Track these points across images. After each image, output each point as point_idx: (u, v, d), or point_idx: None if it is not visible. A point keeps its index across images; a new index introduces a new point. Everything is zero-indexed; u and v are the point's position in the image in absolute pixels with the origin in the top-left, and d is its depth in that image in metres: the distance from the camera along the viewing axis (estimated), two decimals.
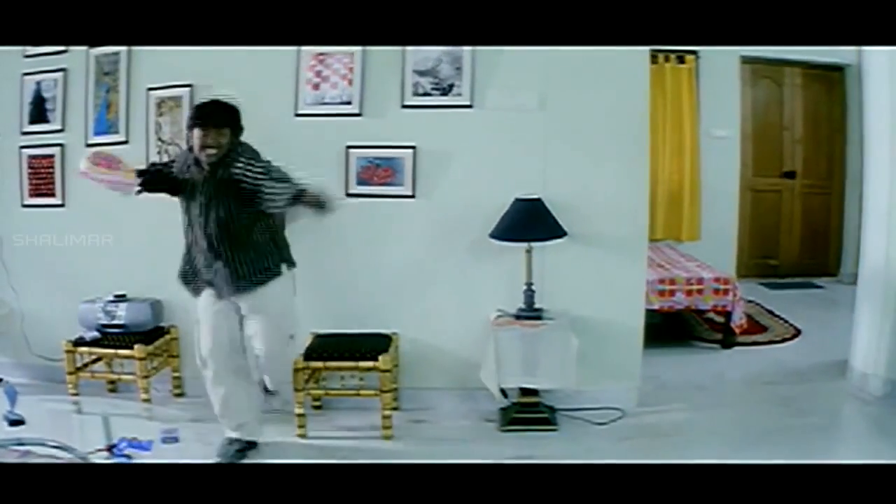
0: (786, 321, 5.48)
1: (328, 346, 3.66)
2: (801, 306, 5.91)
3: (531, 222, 3.60)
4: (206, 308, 3.34)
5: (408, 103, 3.80)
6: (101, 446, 3.14)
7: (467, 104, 3.77)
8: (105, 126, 4.06)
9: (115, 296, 4.00)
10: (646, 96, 3.82)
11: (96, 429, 3.33)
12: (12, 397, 2.83)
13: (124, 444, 2.82)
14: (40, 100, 4.13)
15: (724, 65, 6.20)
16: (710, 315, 5.19)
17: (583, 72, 3.71)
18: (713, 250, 5.97)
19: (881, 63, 3.92)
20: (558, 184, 3.75)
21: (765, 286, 6.64)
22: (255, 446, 3.44)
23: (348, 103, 3.83)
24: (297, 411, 3.59)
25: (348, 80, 3.83)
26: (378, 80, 3.82)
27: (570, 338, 3.58)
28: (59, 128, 4.13)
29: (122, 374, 3.96)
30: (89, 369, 3.98)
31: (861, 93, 4.42)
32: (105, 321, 3.96)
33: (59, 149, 4.12)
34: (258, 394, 3.51)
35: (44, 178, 4.14)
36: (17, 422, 2.78)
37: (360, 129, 3.83)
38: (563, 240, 3.64)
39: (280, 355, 3.45)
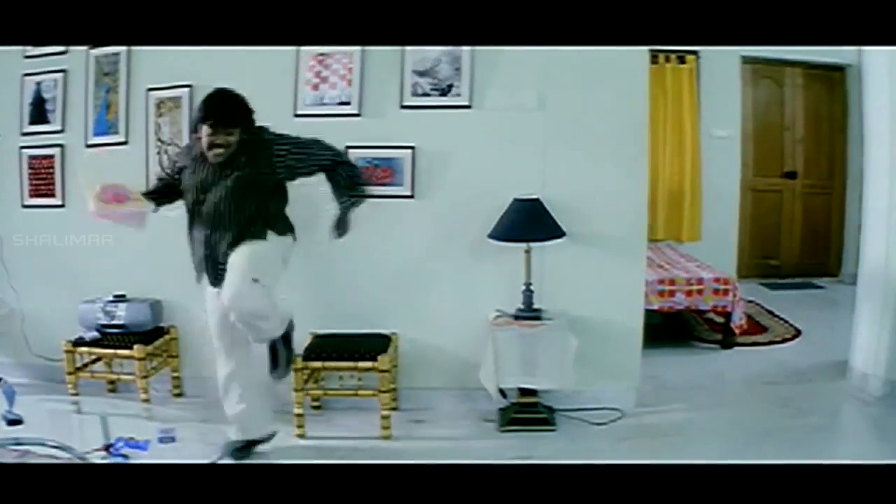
0: (786, 321, 5.47)
1: (327, 346, 3.66)
2: (802, 307, 5.90)
3: (530, 222, 3.60)
4: (211, 296, 3.30)
5: (407, 104, 3.80)
6: (98, 446, 3.14)
7: (466, 104, 3.77)
8: (105, 126, 4.06)
9: (115, 296, 4.00)
10: (645, 96, 3.82)
11: (95, 429, 3.33)
12: (10, 397, 2.83)
13: (121, 444, 2.82)
14: (40, 100, 4.13)
15: (724, 65, 6.20)
16: (710, 315, 5.18)
17: (582, 72, 3.71)
18: (714, 250, 5.97)
19: (881, 63, 3.92)
20: (557, 184, 3.75)
21: (765, 286, 6.63)
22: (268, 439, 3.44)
23: (347, 104, 3.83)
24: (296, 411, 3.59)
25: (347, 80, 3.83)
26: (377, 80, 3.82)
27: (569, 338, 3.58)
28: (59, 128, 4.13)
29: (121, 374, 3.97)
30: (89, 369, 3.98)
31: (861, 93, 4.41)
32: (105, 321, 3.96)
33: (59, 149, 4.12)
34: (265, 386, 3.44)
35: (44, 179, 4.14)
36: (15, 421, 2.79)
37: (359, 130, 3.82)
38: (562, 240, 3.64)
39: (237, 296, 3.01)
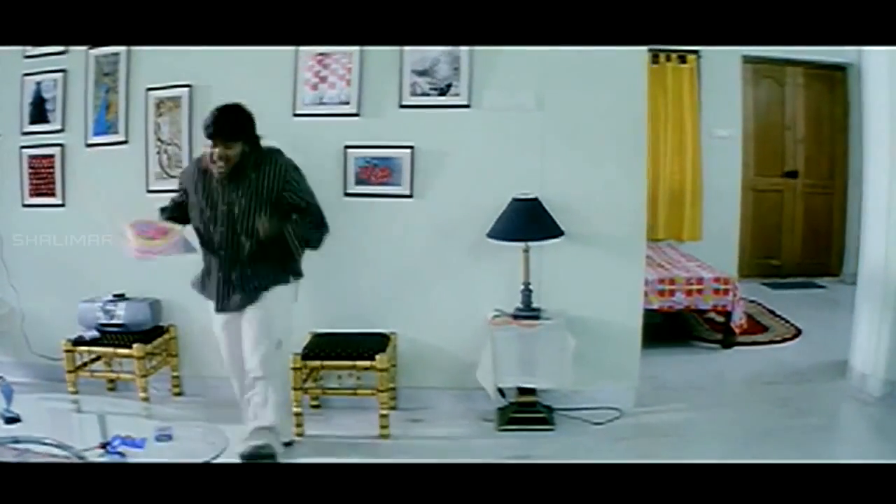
0: (787, 321, 5.46)
1: (326, 346, 3.67)
2: (803, 306, 5.89)
3: (528, 222, 3.60)
4: (219, 323, 3.34)
5: (406, 103, 3.81)
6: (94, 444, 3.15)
7: (465, 104, 3.77)
8: (104, 126, 4.07)
9: (115, 295, 4.01)
10: (643, 96, 3.82)
11: (95, 427, 3.33)
12: (8, 395, 2.84)
13: (118, 442, 2.82)
14: (40, 100, 4.14)
15: (725, 64, 6.20)
16: (710, 315, 5.17)
17: (580, 71, 3.71)
18: (715, 250, 5.96)
19: (881, 63, 3.91)
20: (556, 183, 3.75)
21: (766, 286, 6.61)
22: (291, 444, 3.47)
23: (346, 103, 3.84)
24: (295, 410, 3.59)
25: (346, 80, 3.84)
26: (376, 80, 3.83)
27: (567, 337, 3.58)
28: (59, 128, 4.14)
29: (121, 373, 3.97)
30: (88, 368, 3.99)
31: (861, 93, 4.41)
32: (104, 320, 3.97)
33: (59, 149, 4.13)
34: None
35: (44, 178, 4.16)
36: (13, 419, 2.79)
37: (358, 129, 3.83)
38: (561, 239, 3.64)
39: (263, 360, 3.20)
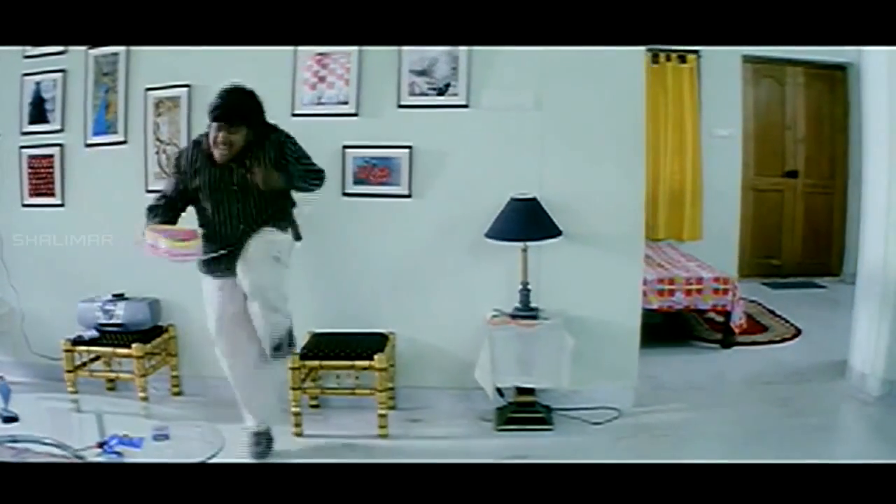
0: (786, 321, 5.45)
1: (325, 345, 3.67)
2: (803, 306, 5.88)
3: (527, 222, 3.60)
4: (213, 289, 3.31)
5: (404, 103, 3.81)
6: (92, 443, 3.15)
7: (463, 104, 3.77)
8: (104, 126, 4.08)
9: (114, 295, 4.02)
10: (642, 95, 3.81)
11: (94, 427, 3.34)
12: (6, 394, 2.84)
13: (115, 441, 2.82)
14: (40, 100, 4.15)
15: (725, 64, 6.19)
16: (710, 315, 5.17)
17: (579, 71, 3.70)
18: (715, 250, 5.96)
19: (880, 63, 3.90)
20: (554, 183, 3.75)
21: (767, 286, 6.61)
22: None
23: (345, 103, 3.84)
24: (294, 410, 3.60)
25: (345, 80, 3.84)
26: (374, 80, 3.83)
27: (565, 337, 3.58)
28: (58, 128, 4.15)
29: (120, 372, 3.98)
30: (88, 368, 3.99)
31: (860, 93, 4.40)
32: (104, 320, 3.97)
33: (58, 149, 4.14)
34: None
35: (43, 178, 4.16)
36: (10, 419, 2.80)
37: (356, 129, 3.84)
38: (560, 239, 3.64)
39: (262, 274, 3.23)
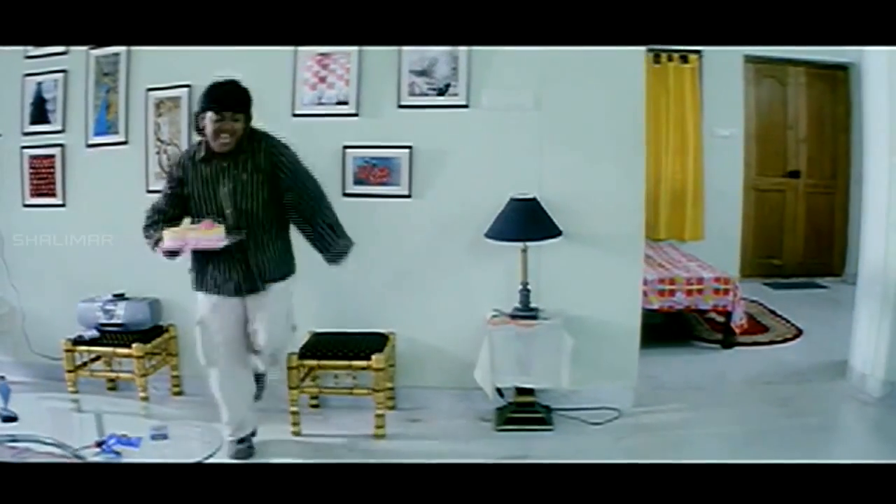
0: (787, 321, 5.44)
1: (324, 345, 3.68)
2: (804, 306, 5.86)
3: (527, 222, 3.60)
4: (213, 306, 3.24)
5: (404, 103, 3.81)
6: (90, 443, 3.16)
7: (463, 104, 3.78)
8: (105, 126, 4.09)
9: (114, 295, 4.02)
10: (642, 95, 3.81)
11: (93, 426, 3.35)
12: (5, 394, 2.85)
13: (113, 441, 2.82)
14: (41, 100, 4.16)
15: (727, 64, 6.19)
16: (710, 315, 5.16)
17: (579, 71, 3.70)
18: (716, 250, 5.95)
19: (881, 63, 3.89)
20: (554, 183, 3.74)
21: (768, 286, 6.59)
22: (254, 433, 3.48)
23: (345, 103, 3.84)
24: (292, 409, 3.60)
25: (345, 80, 3.84)
26: (374, 80, 3.83)
27: (565, 337, 3.57)
28: (59, 128, 4.16)
29: (120, 372, 3.99)
30: (88, 368, 4.00)
31: (861, 93, 4.40)
32: (104, 320, 3.98)
33: (59, 149, 4.15)
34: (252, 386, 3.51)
35: (44, 178, 4.17)
36: (10, 418, 2.80)
37: (356, 129, 3.84)
38: (559, 239, 3.64)
39: (283, 348, 3.47)
